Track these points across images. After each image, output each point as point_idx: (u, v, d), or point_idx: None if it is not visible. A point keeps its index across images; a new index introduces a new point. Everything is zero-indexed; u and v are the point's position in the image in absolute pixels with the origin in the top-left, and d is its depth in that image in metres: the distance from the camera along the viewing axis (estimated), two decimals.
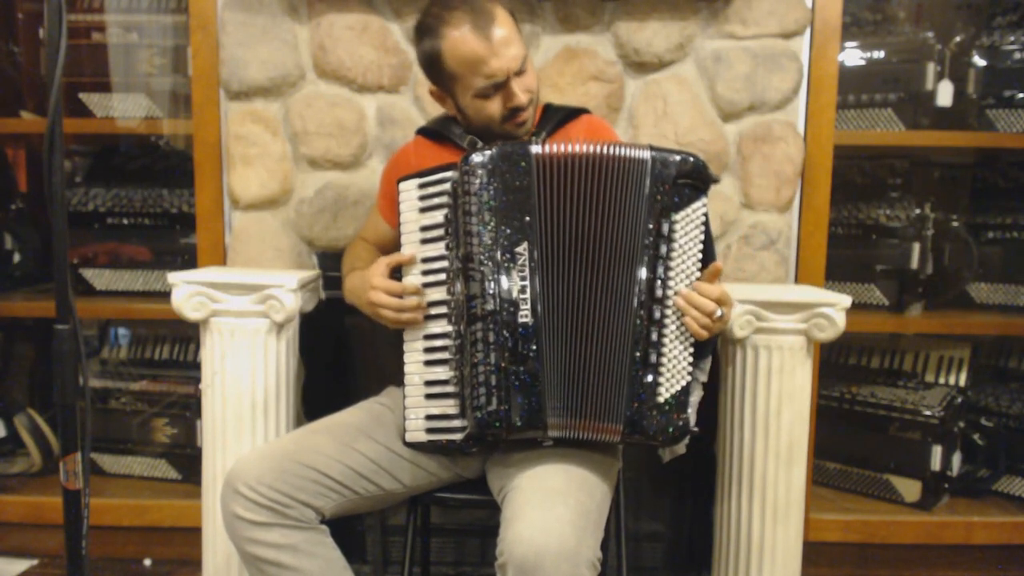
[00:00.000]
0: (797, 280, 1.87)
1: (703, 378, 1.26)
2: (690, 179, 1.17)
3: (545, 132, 1.39)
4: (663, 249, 1.16)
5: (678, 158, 1.17)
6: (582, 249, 1.17)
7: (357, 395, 1.50)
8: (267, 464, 1.19)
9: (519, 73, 1.29)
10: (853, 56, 2.06)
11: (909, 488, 2.02)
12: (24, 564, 1.93)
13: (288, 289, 1.54)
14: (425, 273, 1.25)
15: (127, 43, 2.07)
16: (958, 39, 2.07)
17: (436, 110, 1.54)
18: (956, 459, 2.03)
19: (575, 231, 1.17)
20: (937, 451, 1.98)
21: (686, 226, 1.17)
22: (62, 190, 1.03)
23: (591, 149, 1.17)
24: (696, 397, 1.21)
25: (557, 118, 1.42)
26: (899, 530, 1.94)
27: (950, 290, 2.17)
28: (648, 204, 1.16)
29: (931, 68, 2.00)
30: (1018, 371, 2.21)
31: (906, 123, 2.00)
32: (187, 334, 2.17)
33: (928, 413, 1.99)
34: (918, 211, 2.06)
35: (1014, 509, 2.03)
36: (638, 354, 1.15)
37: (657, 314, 1.15)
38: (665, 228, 1.16)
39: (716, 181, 1.19)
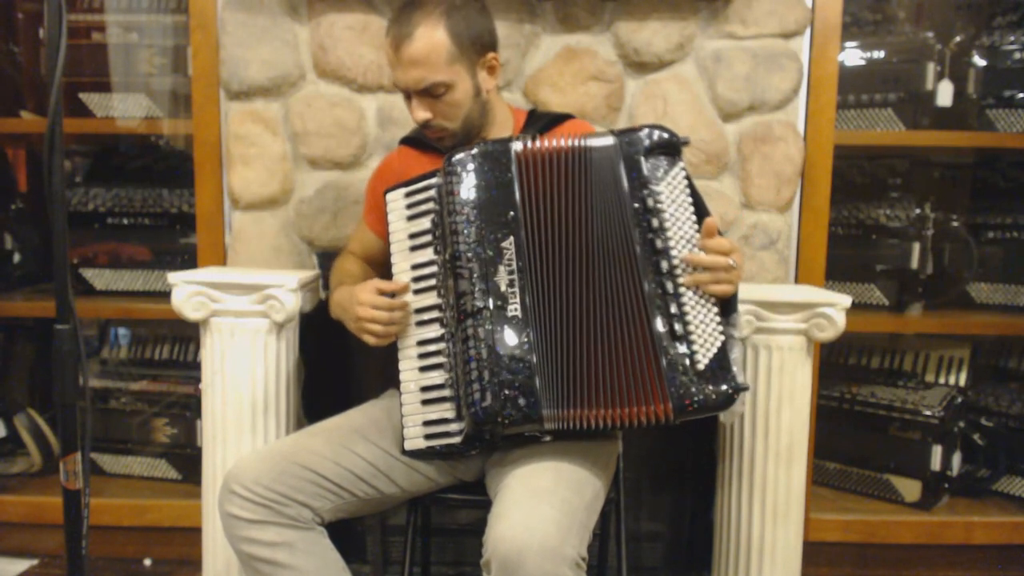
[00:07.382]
0: (797, 280, 1.87)
1: (738, 334, 1.24)
2: (661, 149, 1.20)
3: (530, 136, 1.39)
4: (655, 222, 1.17)
5: (643, 132, 1.20)
6: (571, 239, 1.18)
7: (357, 395, 1.50)
8: (264, 465, 1.20)
9: (428, 95, 1.31)
10: (853, 56, 2.06)
11: (909, 488, 2.02)
12: (24, 564, 1.93)
13: (288, 289, 1.54)
14: (416, 280, 1.27)
15: (127, 43, 2.06)
16: (958, 39, 2.07)
17: None
18: (956, 459, 2.02)
19: (561, 222, 1.18)
20: (937, 451, 1.98)
21: (671, 193, 1.18)
22: (62, 190, 1.03)
23: (557, 143, 1.21)
24: (737, 354, 1.19)
25: (542, 123, 1.45)
26: (899, 530, 1.94)
27: (950, 290, 2.17)
28: (628, 184, 1.18)
29: (931, 68, 2.00)
30: (1018, 371, 2.21)
31: (906, 123, 2.00)
32: (187, 334, 2.17)
33: (928, 413, 1.99)
34: (918, 211, 2.06)
35: (1014, 509, 2.03)
36: (663, 330, 1.14)
37: (670, 286, 1.15)
38: (651, 201, 1.17)
39: (686, 143, 1.22)
